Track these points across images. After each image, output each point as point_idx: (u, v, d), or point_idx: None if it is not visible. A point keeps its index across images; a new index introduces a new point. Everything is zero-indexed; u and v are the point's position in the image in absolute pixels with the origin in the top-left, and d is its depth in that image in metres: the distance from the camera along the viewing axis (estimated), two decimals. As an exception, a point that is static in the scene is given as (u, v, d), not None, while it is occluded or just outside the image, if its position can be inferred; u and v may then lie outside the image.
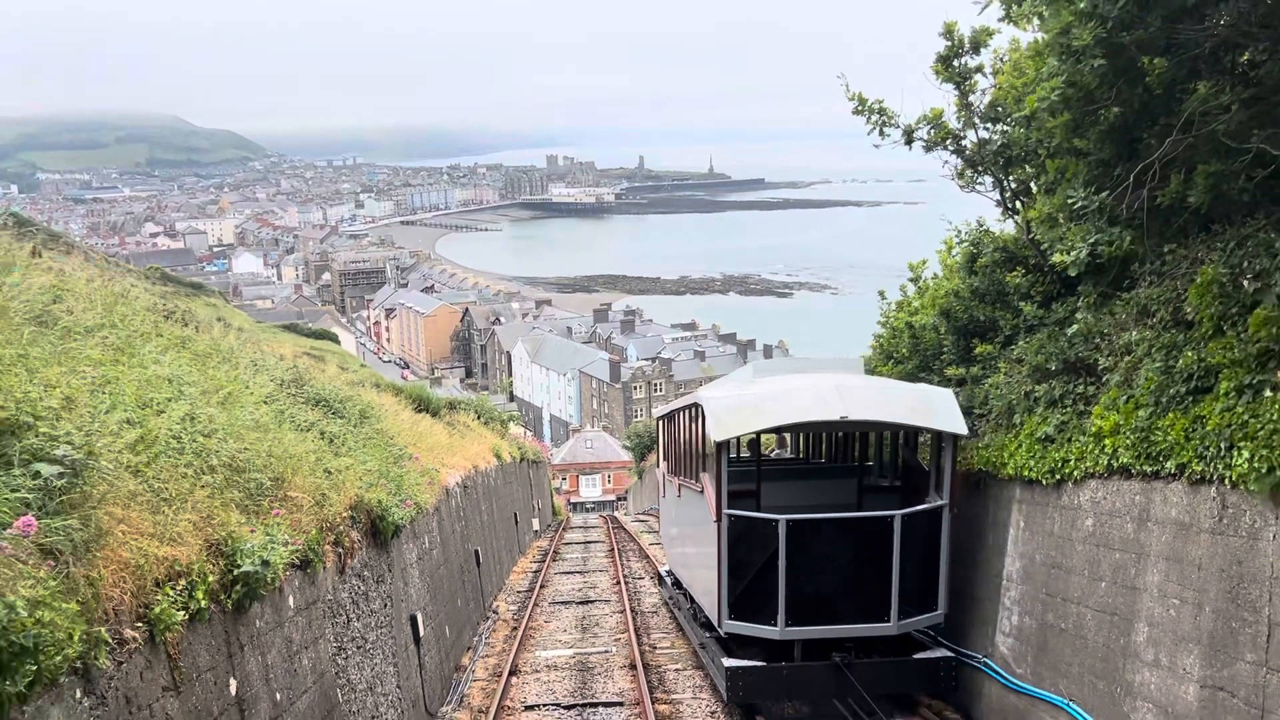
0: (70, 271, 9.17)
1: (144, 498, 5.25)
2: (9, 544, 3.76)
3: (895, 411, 11.38)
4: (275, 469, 7.52)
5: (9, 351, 5.09)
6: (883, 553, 10.68)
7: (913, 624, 11.04)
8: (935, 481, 11.25)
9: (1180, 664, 7.51)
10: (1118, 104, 8.93)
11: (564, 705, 12.15)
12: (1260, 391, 6.91)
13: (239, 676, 6.03)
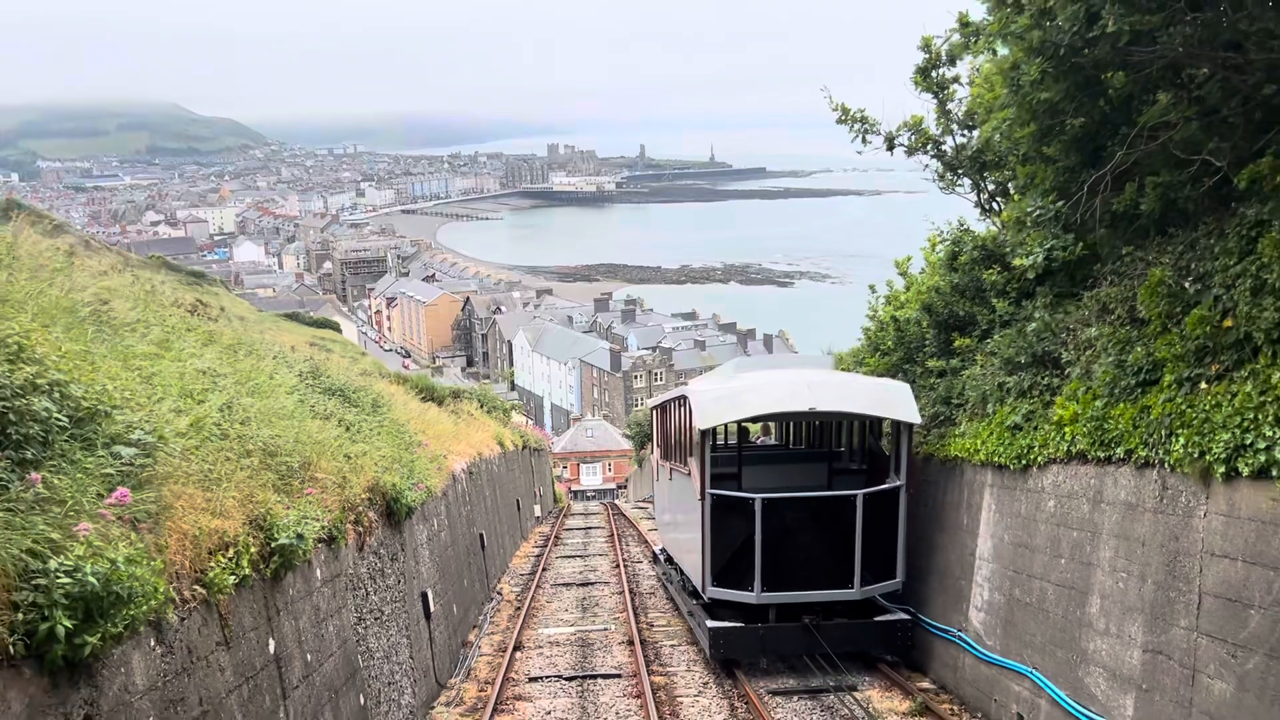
0: (107, 270, 9.85)
1: (196, 477, 5.96)
2: (109, 512, 4.49)
3: (858, 403, 12.94)
4: (302, 453, 8.24)
5: (78, 348, 5.79)
6: (847, 527, 12.15)
7: (873, 590, 12.55)
8: (894, 465, 12.66)
9: (1127, 631, 8.25)
10: (1080, 115, 9.61)
11: (565, 677, 12.90)
12: (1196, 384, 7.63)
13: (276, 638, 6.77)
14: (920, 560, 13.07)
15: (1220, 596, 7.11)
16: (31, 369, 4.63)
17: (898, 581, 12.67)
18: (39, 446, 4.47)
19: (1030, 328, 10.51)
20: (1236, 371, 7.28)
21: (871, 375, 15.69)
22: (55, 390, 4.77)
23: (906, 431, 12.44)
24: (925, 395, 13.85)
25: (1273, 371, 6.80)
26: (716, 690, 12.14)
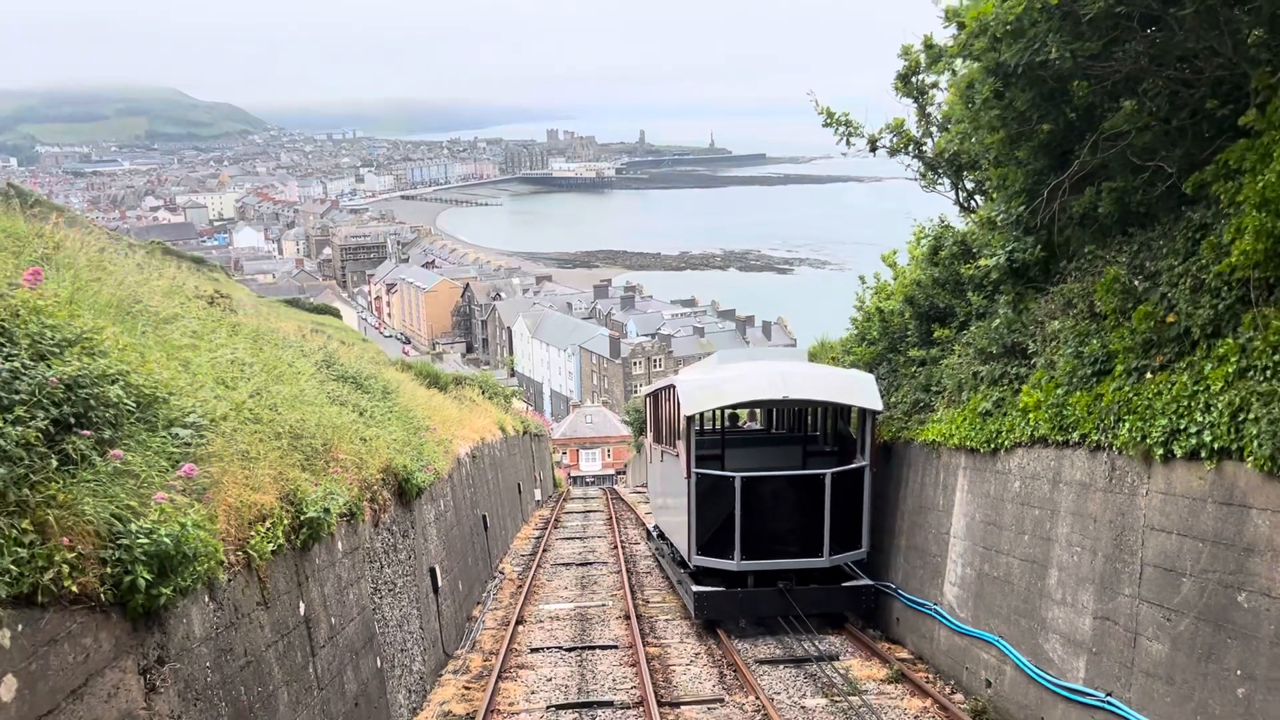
0: (145, 264, 10.53)
1: (237, 457, 6.68)
2: (178, 484, 5.21)
3: (826, 391, 14.45)
4: (324, 436, 8.97)
5: (132, 341, 6.49)
6: (818, 503, 13.51)
7: (841, 558, 13.97)
8: (860, 447, 14.10)
9: (1080, 600, 9.00)
10: (1047, 121, 10.28)
11: (565, 648, 13.67)
12: (1143, 374, 8.35)
13: (305, 601, 7.51)
14: (900, 539, 13.84)
15: (1158, 566, 7.85)
16: (103, 361, 5.34)
17: (863, 551, 14.08)
18: (113, 428, 5.19)
19: (994, 324, 11.22)
20: (1177, 363, 8.00)
21: (859, 363, 16.47)
22: (120, 379, 5.47)
23: (870, 417, 13.84)
24: (907, 383, 14.59)
25: (1206, 364, 7.51)
26: (707, 659, 12.91)
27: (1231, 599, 6.99)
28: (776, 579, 13.75)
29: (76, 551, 4.50)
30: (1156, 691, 7.78)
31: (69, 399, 4.85)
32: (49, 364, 4.87)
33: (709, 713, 10.69)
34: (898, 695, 11.08)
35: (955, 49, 9.20)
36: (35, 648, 4.27)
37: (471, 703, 11.22)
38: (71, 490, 4.60)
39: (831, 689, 11.31)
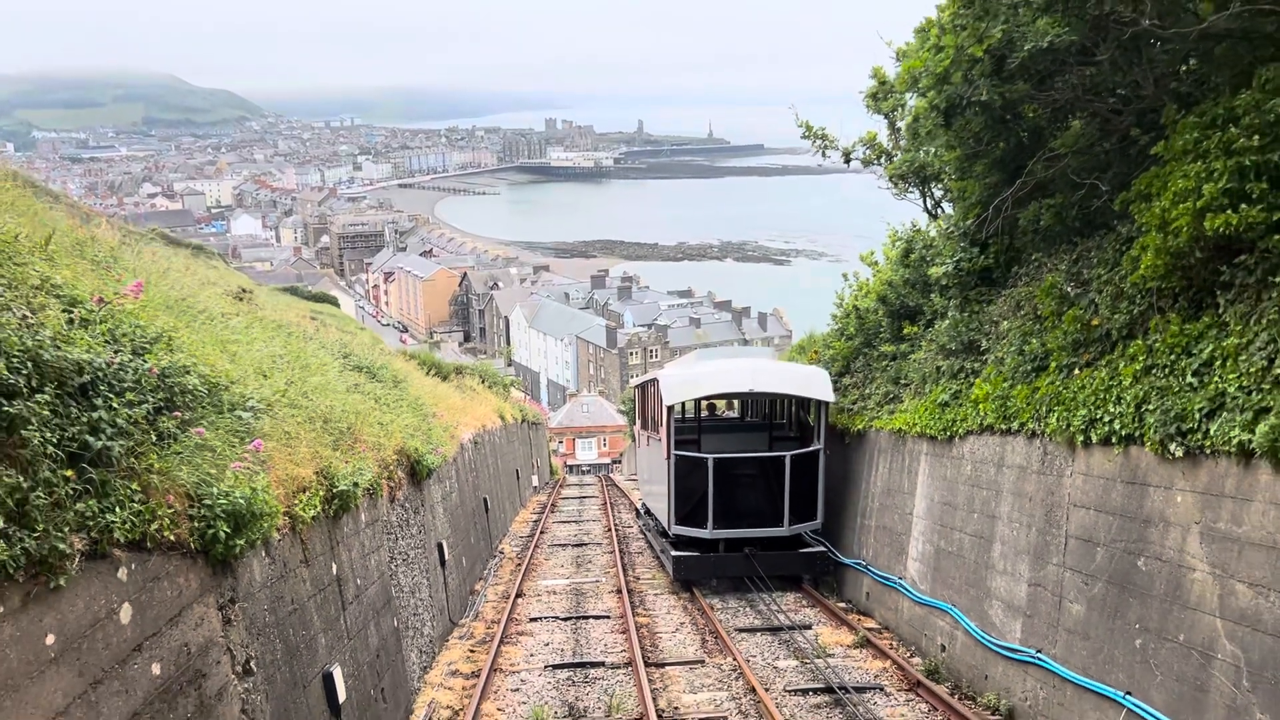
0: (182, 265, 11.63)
1: (282, 436, 7.80)
2: (249, 455, 6.33)
3: (787, 385, 16.62)
4: (348, 420, 10.08)
5: (195, 337, 7.60)
6: (779, 480, 15.48)
7: (799, 528, 16.07)
8: (816, 433, 16.11)
9: (1018, 570, 10.16)
10: (1000, 142, 11.40)
11: (561, 618, 14.83)
12: (1072, 371, 9.50)
13: (337, 563, 8.65)
14: (872, 520, 15.01)
15: (1079, 538, 9.01)
16: (181, 355, 6.44)
17: (818, 522, 16.17)
18: (191, 410, 6.29)
19: (943, 325, 12.37)
20: (1100, 361, 9.14)
21: (837, 357, 17.69)
22: (193, 371, 6.58)
23: (823, 407, 15.96)
24: (879, 376, 15.74)
25: (1120, 362, 8.66)
26: (691, 628, 14.08)
27: (1133, 564, 8.15)
28: (743, 545, 15.87)
29: (173, 509, 5.63)
30: (1076, 646, 8.95)
31: (161, 386, 5.96)
32: (144, 358, 5.97)
33: (690, 671, 11.86)
34: (861, 658, 12.26)
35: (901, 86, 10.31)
36: (144, 582, 5.41)
37: (476, 663, 12.39)
38: (167, 460, 5.72)
39: (802, 653, 12.48)
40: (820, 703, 10.58)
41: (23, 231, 6.59)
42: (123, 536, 5.23)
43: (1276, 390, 6.61)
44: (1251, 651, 6.73)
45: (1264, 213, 7.10)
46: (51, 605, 4.79)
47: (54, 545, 4.74)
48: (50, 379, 5.06)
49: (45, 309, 5.58)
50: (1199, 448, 7.31)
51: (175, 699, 5.61)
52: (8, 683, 4.48)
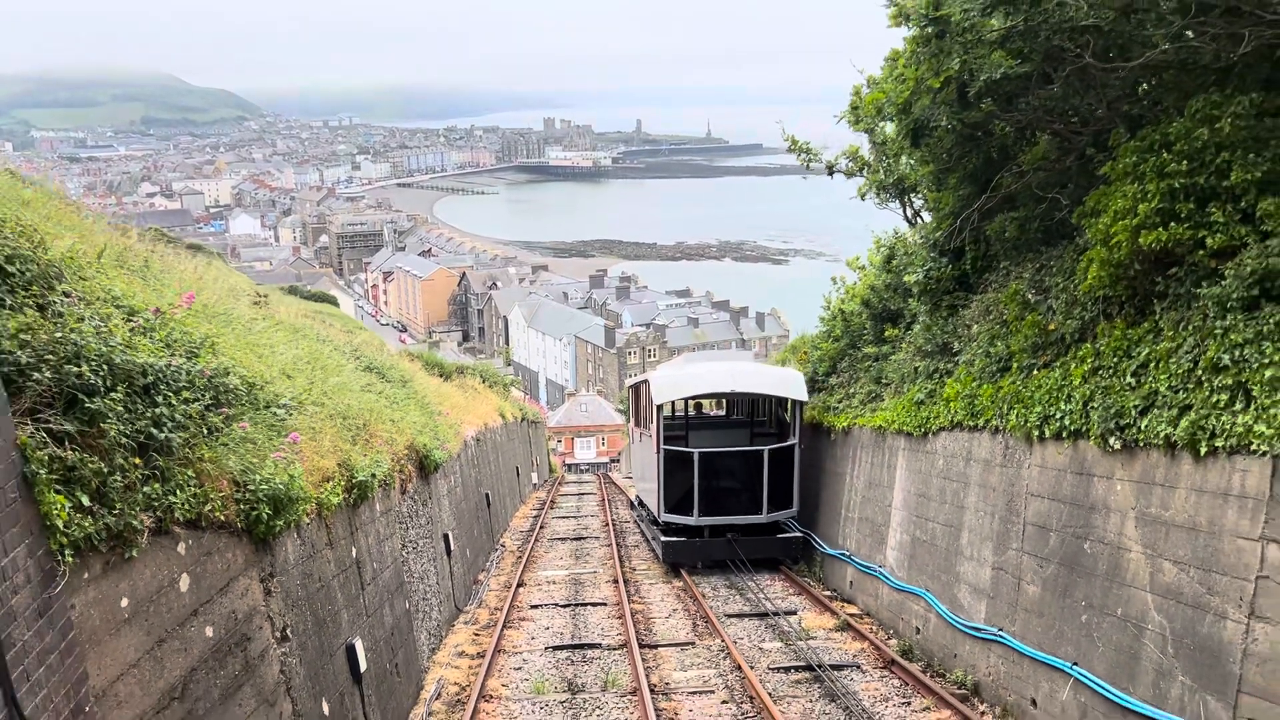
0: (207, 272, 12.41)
1: (308, 431, 8.61)
2: (287, 446, 7.14)
3: (765, 386, 18.30)
4: (364, 418, 10.90)
5: (226, 340, 8.40)
6: (759, 472, 16.89)
7: (776, 516, 17.60)
8: (792, 429, 17.69)
9: (982, 555, 10.99)
10: (970, 158, 12.22)
11: (561, 605, 15.66)
12: (1031, 371, 10.31)
13: (356, 547, 9.47)
14: (855, 512, 15.83)
15: (1035, 525, 9.84)
16: (224, 358, 7.24)
17: (794, 510, 17.71)
18: (233, 407, 7.10)
19: (915, 328, 13.19)
20: (1055, 363, 9.96)
21: (824, 358, 18.55)
22: (234, 372, 7.38)
23: (798, 406, 17.57)
24: (863, 375, 16.56)
25: (1072, 363, 9.48)
26: (683, 614, 14.90)
27: (1080, 547, 8.98)
28: (726, 531, 17.44)
29: (223, 493, 6.44)
30: (1031, 624, 9.78)
31: (210, 386, 6.77)
32: (195, 362, 6.78)
33: (682, 652, 12.69)
34: (842, 640, 13.08)
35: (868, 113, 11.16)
36: (199, 556, 6.23)
37: (481, 645, 13.21)
38: (216, 450, 6.53)
39: (787, 636, 13.31)
40: (800, 679, 11.40)
41: (79, 246, 7.40)
42: (182, 516, 6.05)
43: (1198, 390, 7.43)
44: (1175, 621, 7.55)
45: (1190, 230, 7.92)
46: (125, 573, 5.61)
47: (128, 522, 5.56)
48: (121, 380, 5.87)
49: (111, 319, 6.39)
50: (1134, 441, 8.13)
51: (225, 658, 6.43)
52: (92, 637, 5.30)
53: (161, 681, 5.85)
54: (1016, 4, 8.08)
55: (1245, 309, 7.24)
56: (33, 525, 4.88)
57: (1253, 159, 7.76)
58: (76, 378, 5.51)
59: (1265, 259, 7.17)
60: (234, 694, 6.48)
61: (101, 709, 5.29)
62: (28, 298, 5.90)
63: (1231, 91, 8.52)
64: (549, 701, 10.80)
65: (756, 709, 10.34)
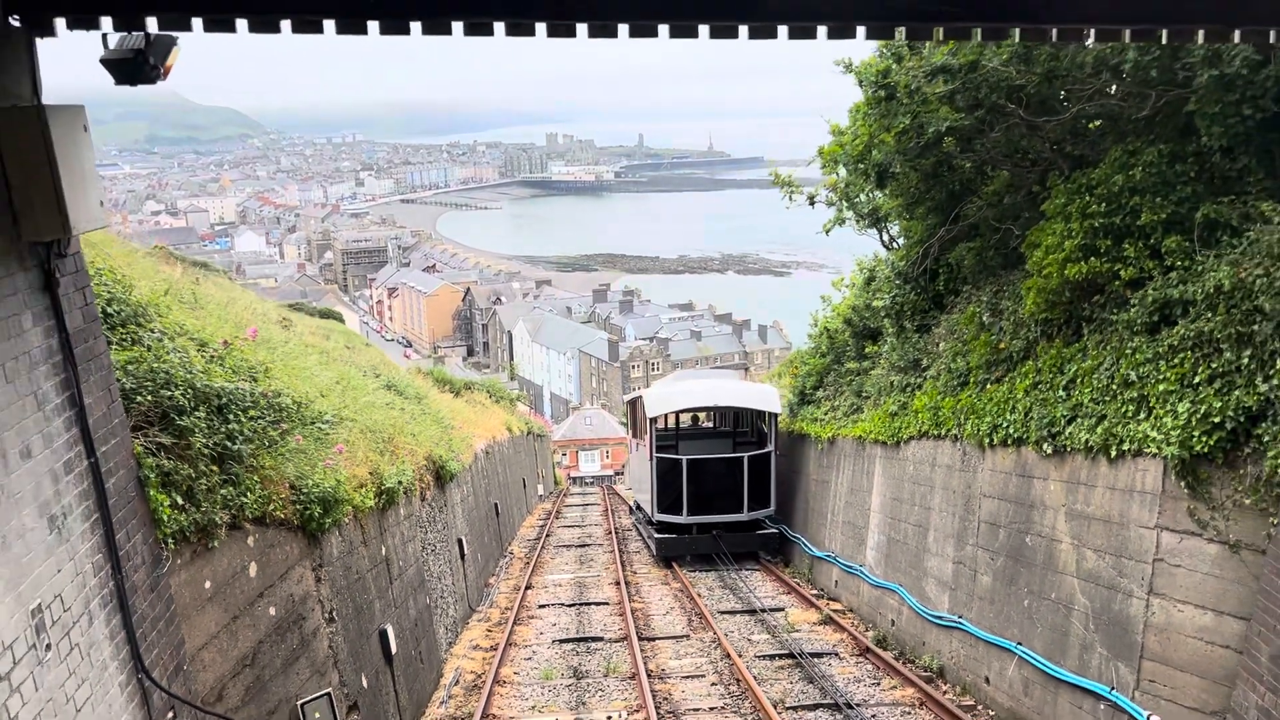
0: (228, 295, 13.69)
1: (344, 443, 9.85)
2: (334, 456, 8.38)
3: (744, 400, 21.01)
4: (388, 432, 12.15)
5: (275, 365, 9.65)
6: (739, 476, 19.01)
7: (756, 514, 19.92)
8: (769, 438, 20.15)
9: (945, 551, 12.19)
10: (935, 192, 13.48)
11: (566, 604, 16.85)
12: (984, 386, 11.54)
13: (385, 546, 10.70)
14: (839, 516, 17.03)
15: (987, 522, 11.05)
16: (277, 381, 8.50)
17: (771, 509, 20.03)
18: (288, 423, 8.35)
19: (885, 348, 14.42)
20: (1004, 379, 11.19)
21: (811, 373, 19.84)
22: (285, 393, 8.64)
23: (773, 418, 20.10)
24: (846, 389, 17.79)
25: (1017, 379, 10.70)
26: (680, 611, 16.10)
27: (1023, 540, 10.18)
28: (712, 528, 19.69)
29: (281, 495, 7.69)
30: (985, 611, 10.98)
31: (269, 405, 8.03)
32: (256, 384, 8.04)
33: (677, 644, 13.89)
34: (824, 632, 14.27)
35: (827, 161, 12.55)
36: (264, 548, 7.47)
37: (494, 639, 14.41)
38: (276, 459, 7.78)
39: (774, 629, 14.49)
40: (783, 665, 12.59)
41: (153, 287, 8.68)
42: (250, 514, 7.30)
43: (1112, 402, 8.66)
44: (1095, 601, 8.76)
45: (1108, 264, 9.16)
46: (208, 561, 6.86)
47: (211, 518, 6.81)
48: (202, 401, 7.13)
49: (188, 350, 7.66)
50: (1063, 446, 9.35)
51: (285, 633, 7.67)
52: (182, 611, 6.55)
53: (236, 651, 7.09)
54: (953, 72, 9.36)
55: (1148, 332, 8.49)
56: (145, 519, 6.13)
57: (1159, 202, 9.01)
58: (169, 400, 6.79)
59: (1164, 289, 8.42)
60: (293, 664, 7.72)
61: (193, 669, 6.52)
62: (125, 334, 7.18)
63: (1150, 140, 9.78)
64: (557, 685, 12.01)
65: (742, 690, 11.53)
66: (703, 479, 19.73)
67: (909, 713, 10.67)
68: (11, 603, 4.59)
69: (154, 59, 5.47)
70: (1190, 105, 8.98)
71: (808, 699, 11.17)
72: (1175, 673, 7.90)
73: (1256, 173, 8.99)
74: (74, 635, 5.13)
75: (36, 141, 4.88)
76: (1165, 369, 7.99)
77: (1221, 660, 7.59)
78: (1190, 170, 9.23)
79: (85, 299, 5.72)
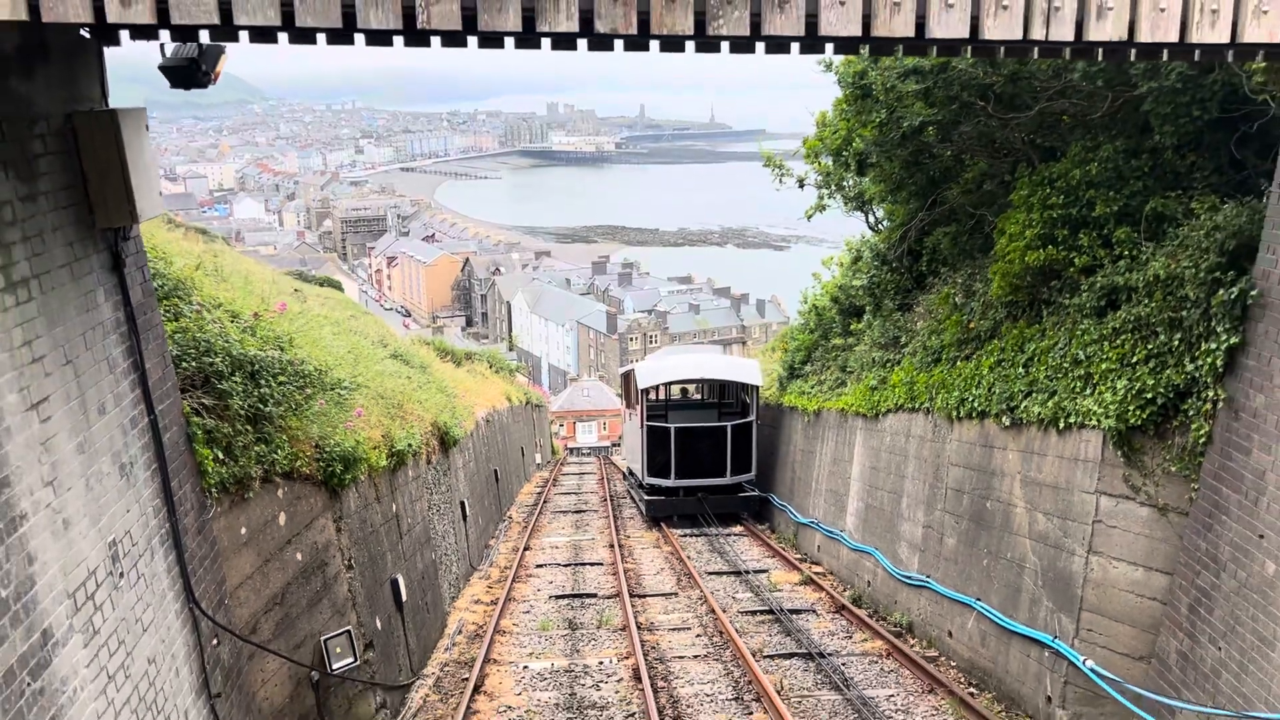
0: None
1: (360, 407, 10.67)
2: (353, 419, 9.21)
3: (727, 373, 22.89)
4: (398, 398, 12.97)
5: (297, 335, 10.44)
6: (723, 444, 20.46)
7: (738, 479, 21.62)
8: (751, 409, 21.85)
9: (916, 516, 13.07)
10: (915, 179, 14.22)
11: (563, 564, 17.77)
12: (955, 363, 12.37)
13: (396, 503, 11.56)
14: (823, 484, 17.92)
15: (953, 488, 11.91)
16: (300, 350, 9.30)
17: (752, 474, 21.63)
18: (311, 388, 9.16)
19: (861, 325, 15.23)
20: (973, 356, 12.01)
21: (800, 349, 20.66)
22: (307, 361, 9.43)
23: (754, 390, 21.80)
24: (832, 364, 18.62)
25: (983, 356, 11.52)
26: (670, 572, 17.02)
27: (984, 505, 11.05)
28: (697, 491, 21.34)
29: (307, 453, 8.52)
30: (949, 571, 11.87)
31: (295, 372, 8.84)
32: (283, 353, 8.84)
33: (666, 600, 14.81)
34: (804, 592, 15.20)
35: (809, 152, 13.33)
36: (292, 499, 8.31)
37: (494, 594, 15.33)
38: (302, 421, 8.61)
39: (757, 589, 15.42)
40: (764, 620, 13.52)
41: (187, 263, 9.46)
42: (280, 469, 8.14)
43: (1063, 379, 9.49)
44: (1044, 560, 9.64)
45: (1064, 252, 9.95)
46: (243, 509, 7.70)
47: (247, 472, 7.65)
48: (238, 367, 7.94)
49: (222, 321, 8.45)
50: (1020, 419, 10.19)
51: (310, 577, 8.53)
52: (222, 553, 7.40)
53: (268, 590, 7.96)
54: (924, 74, 10.10)
55: (1096, 315, 9.30)
56: (193, 470, 6.97)
57: (1113, 195, 9.79)
58: (210, 366, 7.61)
59: (1111, 277, 9.22)
60: (317, 604, 8.59)
61: (231, 604, 7.39)
62: (168, 307, 7.97)
63: (1113, 135, 10.53)
64: (553, 635, 12.93)
65: (724, 640, 12.46)
66: (690, 446, 21.31)
67: (876, 662, 11.60)
68: (95, 536, 5.43)
69: (205, 66, 6.22)
70: (1146, 105, 9.73)
71: (784, 649, 12.09)
72: (1110, 622, 8.79)
73: (1205, 169, 9.78)
74: (140, 566, 5.97)
75: (109, 141, 5.64)
76: (1108, 349, 8.81)
77: (1149, 611, 8.48)
78: (1145, 166, 10.00)
79: (144, 276, 6.52)
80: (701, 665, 11.61)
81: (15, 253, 4.86)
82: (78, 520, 5.25)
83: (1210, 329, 7.71)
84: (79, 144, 5.60)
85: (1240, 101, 8.96)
